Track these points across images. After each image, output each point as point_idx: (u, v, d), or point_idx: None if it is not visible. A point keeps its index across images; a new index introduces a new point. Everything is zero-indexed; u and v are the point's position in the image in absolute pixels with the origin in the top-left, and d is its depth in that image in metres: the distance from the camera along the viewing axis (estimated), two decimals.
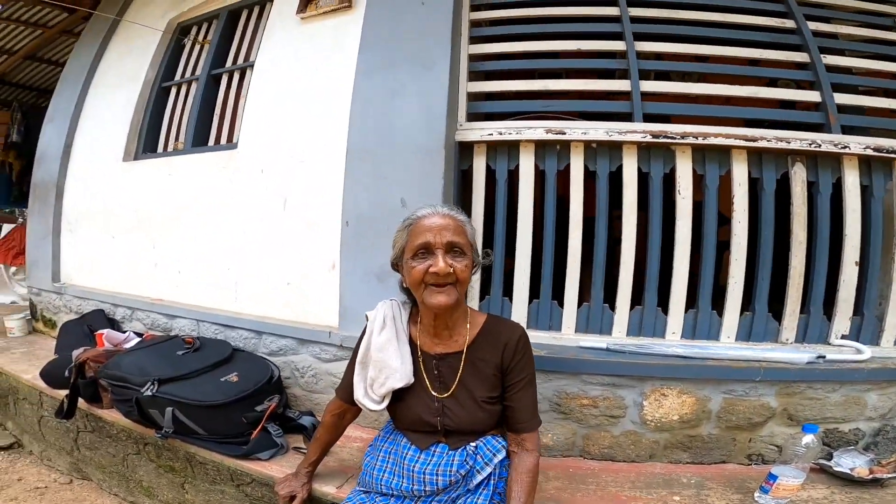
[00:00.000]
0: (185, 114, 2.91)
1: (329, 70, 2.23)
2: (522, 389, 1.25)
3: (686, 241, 1.79)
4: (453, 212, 1.24)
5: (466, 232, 1.22)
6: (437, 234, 1.16)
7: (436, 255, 1.15)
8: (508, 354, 1.24)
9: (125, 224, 2.89)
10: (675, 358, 1.68)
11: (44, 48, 4.64)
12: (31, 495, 2.15)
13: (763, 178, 1.80)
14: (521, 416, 1.24)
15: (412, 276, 1.18)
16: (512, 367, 1.25)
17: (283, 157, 2.29)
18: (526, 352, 1.27)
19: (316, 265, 2.13)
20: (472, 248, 1.23)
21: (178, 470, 1.87)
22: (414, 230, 1.20)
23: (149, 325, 2.65)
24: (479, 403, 1.24)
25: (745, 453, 1.69)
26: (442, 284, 1.16)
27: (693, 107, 1.90)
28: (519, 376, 1.25)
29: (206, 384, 1.74)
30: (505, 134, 1.90)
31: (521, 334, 1.27)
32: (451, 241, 1.16)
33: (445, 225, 1.18)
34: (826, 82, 1.86)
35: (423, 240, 1.16)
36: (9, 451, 2.56)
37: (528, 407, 1.25)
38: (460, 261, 1.17)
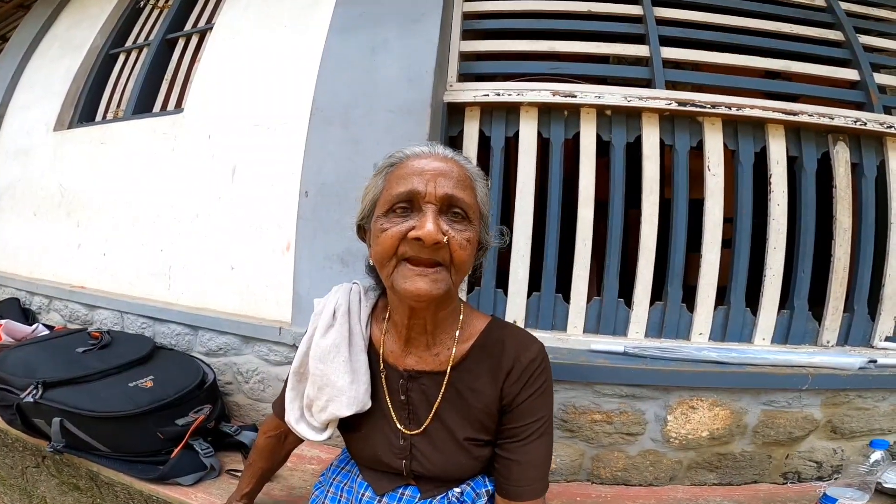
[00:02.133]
0: (131, 80, 2.46)
1: (300, 26, 1.86)
2: (527, 441, 0.80)
3: (717, 224, 1.48)
4: (459, 156, 0.79)
5: (476, 189, 0.78)
6: (432, 180, 0.72)
7: (424, 212, 0.71)
8: (512, 386, 0.81)
9: (49, 200, 2.39)
10: (708, 364, 1.35)
11: None
12: None
13: (803, 156, 1.52)
14: (518, 477, 0.80)
15: (380, 244, 0.74)
16: (515, 407, 0.81)
17: (234, 120, 1.88)
18: (540, 385, 0.82)
19: (267, 246, 1.71)
20: (482, 217, 0.80)
21: (83, 489, 1.41)
22: (395, 173, 0.76)
23: (67, 317, 2.15)
24: (463, 447, 0.83)
25: (781, 471, 1.38)
26: (427, 263, 0.72)
27: (723, 77, 1.62)
28: (525, 420, 0.81)
29: (110, 390, 1.29)
30: (503, 95, 1.57)
31: (536, 356, 0.82)
32: (451, 195, 0.72)
33: (445, 170, 0.74)
34: (865, 61, 1.63)
35: (407, 186, 0.72)
36: None
37: (535, 466, 0.81)
38: (461, 230, 0.73)
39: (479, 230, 0.79)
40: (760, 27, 1.70)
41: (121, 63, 2.60)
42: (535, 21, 1.73)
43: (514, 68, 1.67)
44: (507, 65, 1.69)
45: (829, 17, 1.75)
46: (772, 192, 1.49)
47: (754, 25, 1.70)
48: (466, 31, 1.75)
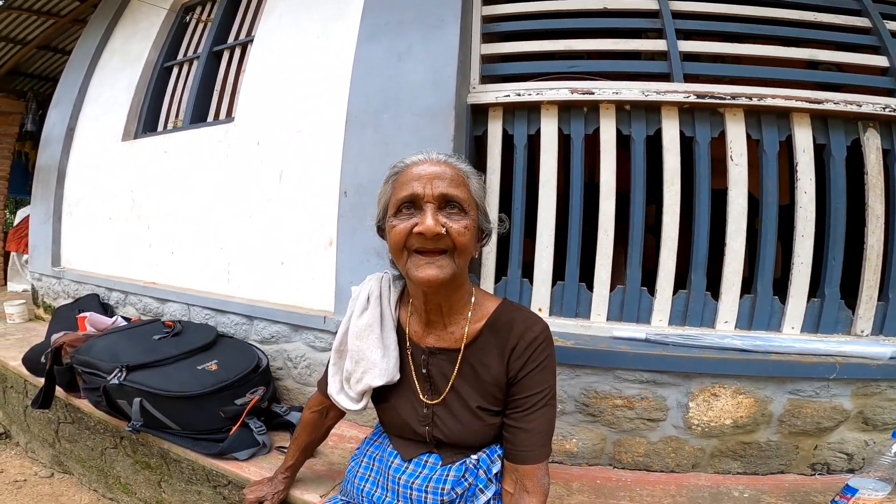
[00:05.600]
0: (186, 92, 2.67)
1: (330, 37, 1.96)
2: (531, 411, 0.89)
3: (742, 214, 1.45)
4: (452, 158, 0.90)
5: (469, 185, 0.89)
6: (429, 183, 0.83)
7: (424, 210, 0.83)
8: (516, 361, 0.89)
9: (122, 206, 2.65)
10: (731, 351, 1.35)
11: (56, 38, 4.47)
12: (8, 489, 1.92)
13: (831, 144, 1.47)
14: (522, 443, 0.89)
15: (392, 239, 0.86)
16: (520, 379, 0.89)
17: (279, 127, 2.02)
18: (542, 360, 0.90)
19: (312, 242, 1.84)
20: (479, 207, 0.90)
21: (153, 467, 1.60)
22: (399, 180, 0.88)
23: (140, 310, 2.40)
24: (476, 413, 0.92)
25: (809, 462, 1.36)
26: (432, 251, 0.83)
27: (743, 68, 1.58)
28: (528, 392, 0.89)
29: (181, 372, 1.46)
30: (524, 95, 1.60)
31: (539, 334, 0.90)
32: (446, 194, 0.83)
33: (440, 173, 0.85)
34: (893, 47, 1.54)
35: (409, 191, 0.84)
36: None
37: (537, 433, 0.89)
38: (458, 220, 0.84)
39: (477, 219, 0.88)
40: (783, 16, 1.64)
41: (175, 75, 2.82)
42: (552, 21, 1.74)
43: (534, 68, 1.69)
44: (527, 65, 1.71)
45: (855, 4, 1.66)
46: (798, 180, 1.44)
47: (776, 15, 1.64)
48: (486, 34, 1.79)
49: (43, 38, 4.41)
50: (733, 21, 1.67)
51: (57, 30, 4.32)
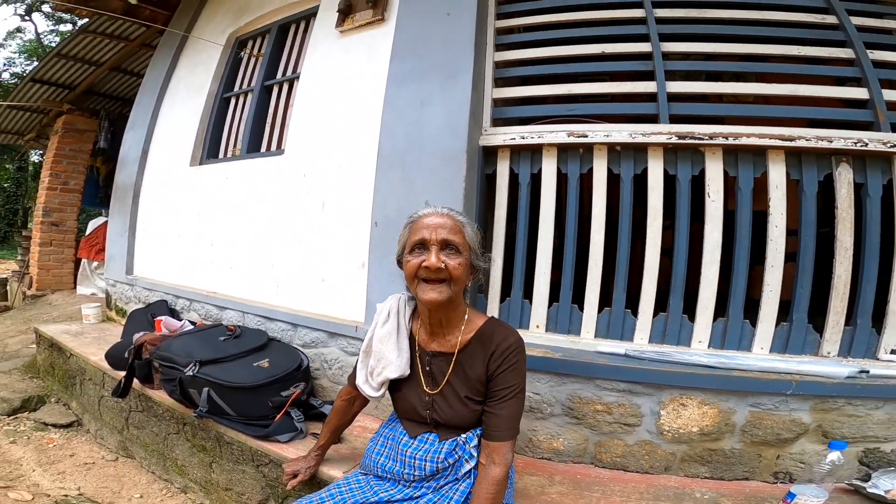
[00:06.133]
0: (242, 122, 3.27)
1: (363, 80, 2.45)
2: (502, 401, 1.27)
3: (716, 246, 1.77)
4: (453, 212, 1.31)
5: (465, 232, 1.28)
6: (434, 231, 1.24)
7: (430, 250, 1.24)
8: (493, 363, 1.28)
9: (189, 224, 3.28)
10: (698, 367, 1.67)
11: (126, 60, 5.34)
12: (79, 470, 2.46)
13: (803, 179, 1.75)
14: (493, 424, 1.27)
15: (407, 270, 1.28)
16: (495, 376, 1.27)
17: (322, 162, 2.53)
18: (513, 363, 1.27)
19: (348, 263, 2.32)
20: (470, 249, 1.29)
21: (208, 450, 2.10)
22: (414, 227, 1.30)
23: (203, 315, 2.99)
24: (464, 402, 1.31)
25: (771, 471, 1.64)
26: (434, 280, 1.24)
27: (723, 106, 1.90)
28: (501, 386, 1.27)
29: (240, 368, 1.97)
30: (527, 138, 2.00)
31: (511, 344, 1.28)
32: (446, 239, 1.24)
33: (442, 223, 1.26)
34: (874, 78, 1.79)
35: (419, 236, 1.25)
36: (68, 429, 2.93)
37: (505, 419, 1.26)
38: (454, 259, 1.24)
39: (469, 258, 1.29)
40: (768, 52, 1.92)
41: (232, 105, 3.43)
42: (556, 66, 2.12)
43: (538, 111, 2.09)
44: (532, 109, 2.11)
45: (841, 35, 1.91)
46: (770, 214, 1.74)
47: (762, 51, 1.92)
48: (498, 78, 2.20)
49: (115, 61, 5.31)
50: (721, 59, 1.97)
51: (127, 53, 5.19)
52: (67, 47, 5.02)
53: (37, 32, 14.40)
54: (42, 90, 5.56)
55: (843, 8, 1.97)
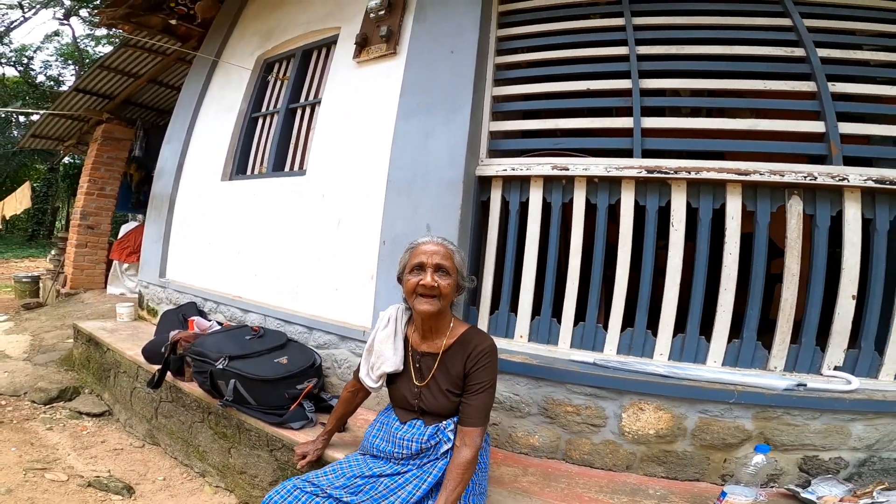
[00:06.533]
0: (269, 142, 3.77)
1: (377, 109, 2.90)
2: (476, 394, 1.64)
3: (677, 270, 2.12)
4: (446, 241, 1.72)
5: (454, 258, 1.69)
6: (430, 256, 1.65)
7: (426, 272, 1.64)
8: (470, 363, 1.65)
9: (219, 234, 3.81)
10: (655, 376, 2.01)
11: (163, 73, 6.00)
12: (109, 455, 2.92)
13: (758, 211, 2.08)
14: (467, 413, 1.63)
15: (407, 287, 1.68)
16: (471, 373, 1.65)
17: (339, 184, 2.98)
18: (486, 363, 1.64)
19: (359, 276, 2.76)
20: (458, 272, 1.69)
21: (228, 436, 2.53)
22: (413, 253, 1.70)
23: (228, 317, 3.48)
24: (445, 393, 1.69)
25: (720, 473, 1.96)
26: (429, 295, 1.64)
27: (691, 141, 2.23)
28: (475, 381, 1.64)
29: (263, 363, 2.42)
30: (517, 170, 2.39)
31: (485, 348, 1.66)
32: (439, 264, 1.64)
33: (437, 251, 1.66)
34: (831, 112, 2.09)
35: (418, 260, 1.66)
36: (100, 418, 3.42)
37: (477, 408, 1.62)
38: (445, 279, 1.64)
39: (457, 279, 1.70)
40: (740, 87, 2.25)
41: (260, 125, 3.94)
42: (546, 102, 2.52)
43: (528, 145, 2.49)
44: (523, 142, 2.51)
45: (807, 68, 2.22)
46: (726, 243, 2.07)
47: (734, 87, 2.25)
48: (496, 112, 2.61)
49: (152, 73, 5.98)
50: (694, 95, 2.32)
51: (163, 66, 5.84)
52: (110, 59, 5.70)
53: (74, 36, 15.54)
54: (84, 99, 6.26)
55: (811, 39, 2.25)
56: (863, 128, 2.11)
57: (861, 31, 2.31)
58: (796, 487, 1.81)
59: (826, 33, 2.32)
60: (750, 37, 2.35)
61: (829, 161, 2.06)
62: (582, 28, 2.59)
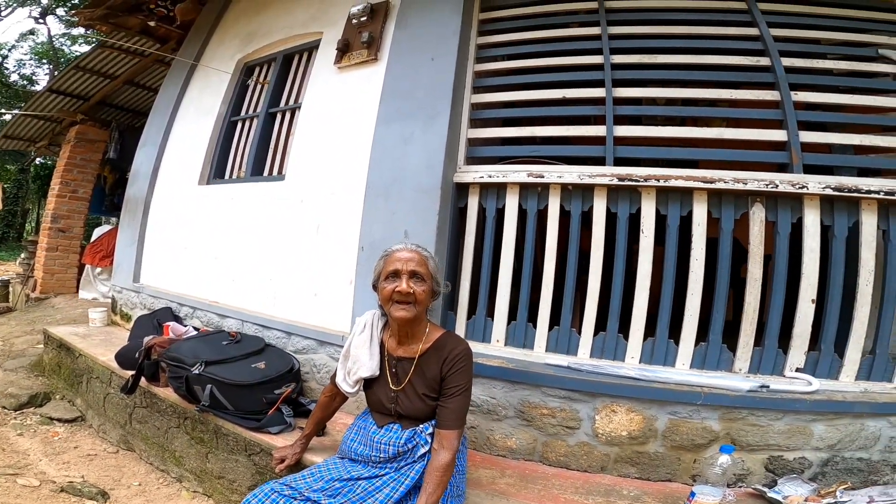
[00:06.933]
0: (248, 146, 3.67)
1: (357, 115, 2.84)
2: (452, 397, 1.62)
3: (646, 275, 2.13)
4: (419, 248, 1.69)
5: (428, 265, 1.67)
6: (405, 263, 1.62)
7: (401, 279, 1.61)
8: (446, 366, 1.63)
9: (196, 239, 3.67)
10: (626, 378, 2.02)
11: (140, 74, 5.79)
12: (82, 460, 2.76)
13: (722, 217, 2.11)
14: (443, 415, 1.61)
15: (383, 294, 1.65)
16: (447, 377, 1.63)
17: (318, 189, 2.91)
18: (461, 367, 1.62)
19: (337, 281, 2.69)
20: (433, 278, 1.67)
21: (205, 441, 2.43)
22: (388, 260, 1.67)
23: (205, 322, 3.36)
24: (422, 397, 1.66)
25: (690, 473, 1.97)
26: (404, 302, 1.61)
27: (659, 150, 2.25)
28: (450, 385, 1.62)
29: (240, 368, 2.34)
30: (494, 177, 2.37)
31: (460, 352, 1.64)
32: (414, 270, 1.62)
33: (411, 258, 1.64)
34: (793, 121, 2.13)
35: (393, 267, 1.63)
36: (72, 424, 3.24)
37: (453, 411, 1.60)
38: (420, 286, 1.62)
39: (431, 285, 1.67)
40: (708, 96, 2.28)
41: (239, 129, 3.83)
42: (523, 109, 2.51)
43: (505, 152, 2.48)
44: (500, 149, 2.50)
45: (771, 77, 2.26)
46: (692, 249, 2.10)
47: (702, 95, 2.29)
48: (474, 119, 2.59)
49: (129, 75, 5.76)
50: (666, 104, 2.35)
51: (141, 67, 5.64)
52: (86, 60, 5.47)
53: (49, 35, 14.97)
54: (58, 100, 6.00)
55: (776, 49, 2.28)
56: (823, 136, 2.15)
57: (825, 41, 2.37)
58: (763, 487, 1.83)
59: (791, 42, 2.36)
60: (720, 46, 2.38)
61: (790, 169, 2.10)
62: (559, 37, 2.60)
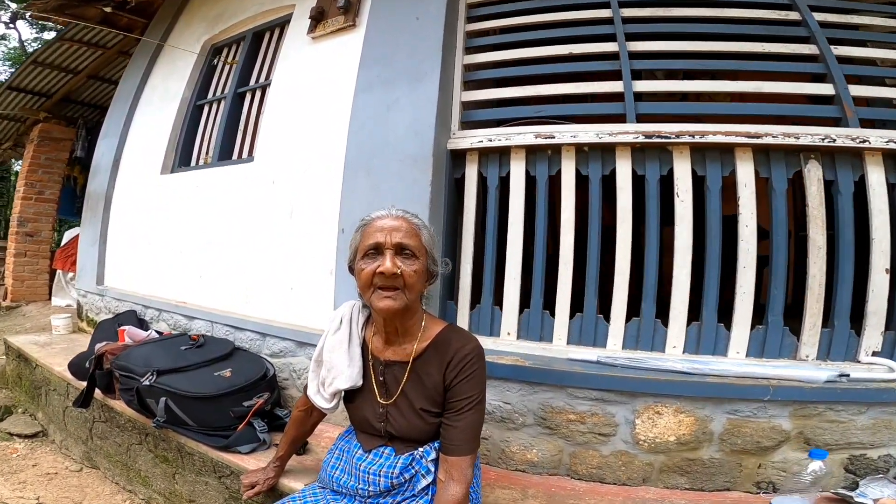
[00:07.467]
0: (214, 130, 3.15)
1: (333, 86, 2.36)
2: (460, 413, 1.15)
3: (687, 247, 1.69)
4: (408, 215, 1.21)
5: (421, 236, 1.18)
6: (388, 234, 1.14)
7: (384, 255, 1.13)
8: (451, 372, 1.17)
9: (159, 233, 3.15)
10: (672, 373, 1.58)
11: (104, 68, 5.19)
12: (40, 480, 2.31)
13: (772, 177, 1.68)
14: (452, 438, 1.15)
15: (361, 278, 1.16)
16: (452, 386, 1.16)
17: (291, 169, 2.42)
18: (471, 372, 1.16)
19: (316, 271, 2.21)
20: (428, 253, 1.19)
21: (170, 460, 1.96)
22: (367, 231, 1.18)
23: (172, 326, 2.84)
24: (419, 413, 1.20)
25: (754, 480, 1.54)
26: (390, 287, 1.13)
27: (689, 105, 1.83)
28: (458, 397, 1.16)
29: (201, 377, 1.84)
30: (495, 140, 1.91)
31: (469, 352, 1.17)
32: (401, 243, 1.13)
33: (397, 226, 1.15)
34: (839, 74, 1.75)
35: (373, 240, 1.14)
36: (33, 440, 2.77)
37: (464, 431, 1.15)
38: (410, 264, 1.14)
39: (426, 263, 1.19)
40: (732, 49, 1.87)
41: (206, 113, 3.31)
42: (524, 68, 2.05)
43: (506, 114, 2.00)
44: (500, 111, 2.03)
45: (804, 31, 1.87)
46: (740, 214, 1.66)
47: (726, 49, 1.87)
48: (467, 81, 2.12)
49: (92, 69, 5.15)
50: (686, 58, 1.92)
51: (105, 61, 5.04)
52: (44, 55, 4.86)
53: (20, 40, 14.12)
54: (18, 98, 5.38)
55: (804, 4, 1.93)
56: (875, 90, 1.76)
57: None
58: (846, 491, 1.42)
59: None
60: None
61: (844, 124, 1.69)
62: None
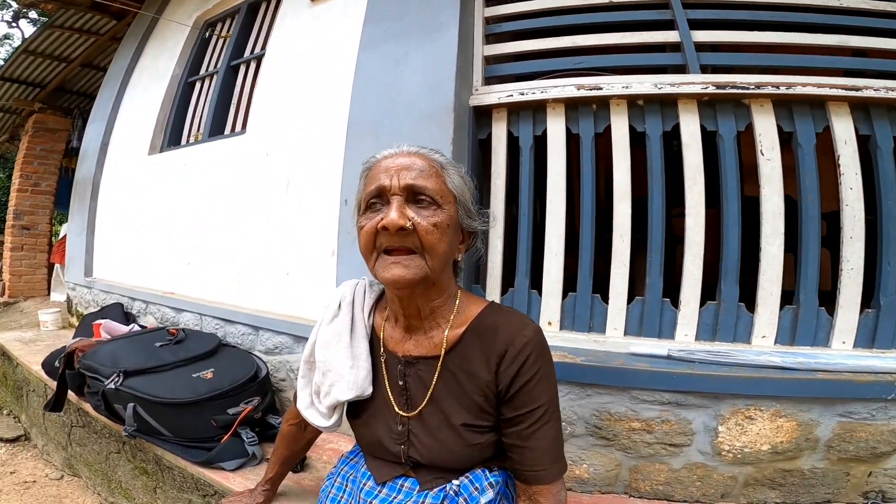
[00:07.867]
0: (206, 106, 2.79)
1: (334, 47, 2.01)
2: (537, 427, 0.79)
3: (778, 214, 1.32)
4: (425, 150, 0.83)
5: (446, 177, 0.81)
6: (395, 175, 0.77)
7: (391, 203, 0.76)
8: (507, 371, 0.79)
9: (146, 218, 2.78)
10: (769, 370, 1.21)
11: (98, 56, 4.82)
12: (17, 489, 2.01)
13: (876, 134, 1.32)
14: (533, 461, 0.79)
15: (362, 240, 0.80)
16: (515, 393, 0.79)
17: (287, 139, 2.06)
18: (539, 368, 0.79)
19: (315, 252, 1.84)
20: (458, 201, 0.82)
21: (150, 473, 1.61)
22: (369, 175, 0.82)
23: (159, 319, 2.47)
24: (458, 432, 0.82)
25: (861, 490, 1.20)
26: (400, 250, 0.76)
27: (764, 56, 1.46)
28: (528, 407, 0.79)
29: (176, 380, 1.47)
30: (527, 94, 1.54)
31: (531, 339, 0.80)
32: (413, 185, 0.76)
33: (408, 164, 0.78)
34: None
35: (375, 183, 0.78)
36: (14, 444, 2.46)
37: (548, 451, 0.80)
38: (428, 216, 0.76)
39: (456, 214, 0.81)
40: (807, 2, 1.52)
41: (197, 89, 2.94)
42: (557, 18, 1.68)
43: (539, 67, 1.63)
44: (532, 64, 1.66)
45: None
46: (842, 174, 1.30)
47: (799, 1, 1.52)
48: (489, 35, 1.76)
49: (85, 57, 4.76)
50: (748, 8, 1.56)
51: (97, 48, 4.65)
52: (34, 43, 4.49)
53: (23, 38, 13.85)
54: (12, 89, 5.01)
55: None
56: None
57: None
58: None
59: None
60: None
61: None
62: None
